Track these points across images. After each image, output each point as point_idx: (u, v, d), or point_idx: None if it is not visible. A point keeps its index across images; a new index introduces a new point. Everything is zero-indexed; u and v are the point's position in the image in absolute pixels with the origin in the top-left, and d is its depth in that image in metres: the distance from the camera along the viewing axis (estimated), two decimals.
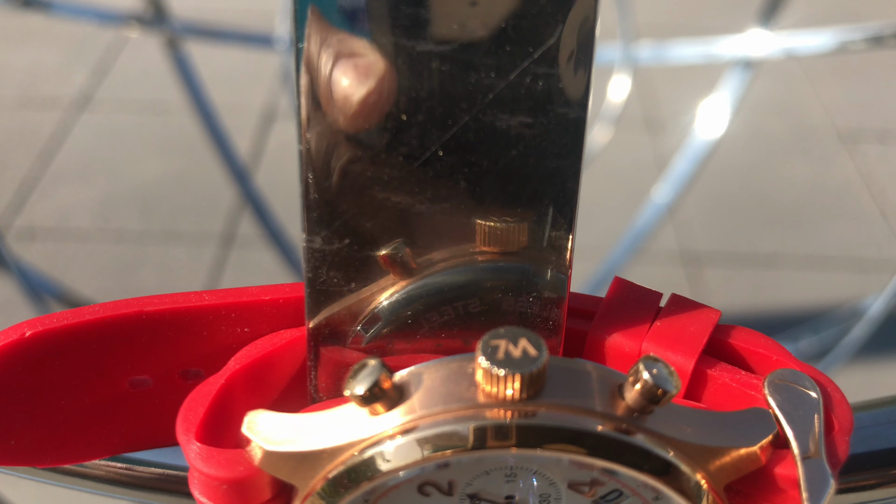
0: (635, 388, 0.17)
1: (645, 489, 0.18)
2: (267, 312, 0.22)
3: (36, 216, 2.26)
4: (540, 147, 0.18)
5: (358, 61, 0.17)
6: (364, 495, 0.18)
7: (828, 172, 2.50)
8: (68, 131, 2.54)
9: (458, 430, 0.17)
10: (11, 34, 2.98)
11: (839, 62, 2.89)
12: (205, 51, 1.88)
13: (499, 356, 0.16)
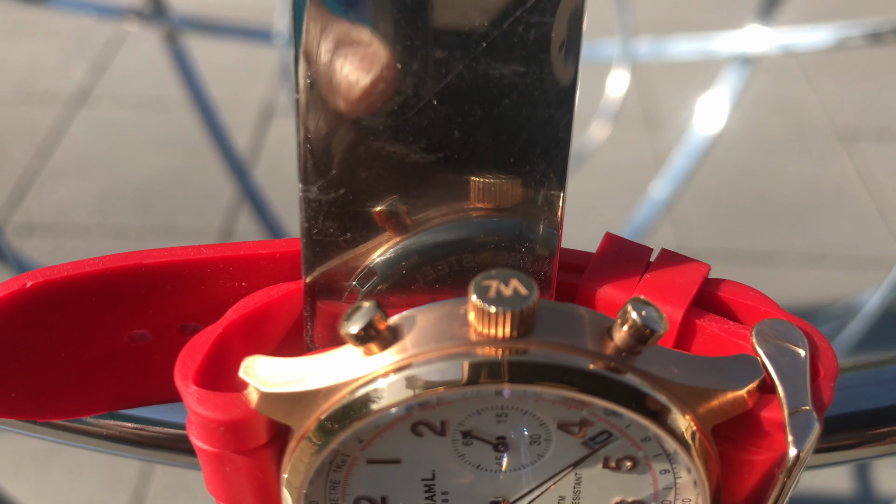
0: (624, 328, 0.17)
1: (634, 430, 0.18)
2: (264, 266, 0.22)
3: (34, 211, 2.26)
4: (532, 96, 0.19)
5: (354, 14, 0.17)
6: (357, 434, 0.18)
7: (826, 171, 2.50)
8: (67, 126, 2.54)
9: (450, 367, 0.17)
10: (10, 29, 2.97)
11: (838, 60, 2.89)
12: (203, 47, 1.88)
13: (490, 295, 0.17)
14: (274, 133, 2.54)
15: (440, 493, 0.20)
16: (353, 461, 0.19)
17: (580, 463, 0.19)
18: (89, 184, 2.41)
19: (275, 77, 2.71)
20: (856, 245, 2.16)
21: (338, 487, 0.20)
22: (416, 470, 0.19)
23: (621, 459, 0.19)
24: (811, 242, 2.24)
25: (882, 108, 2.74)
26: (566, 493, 0.20)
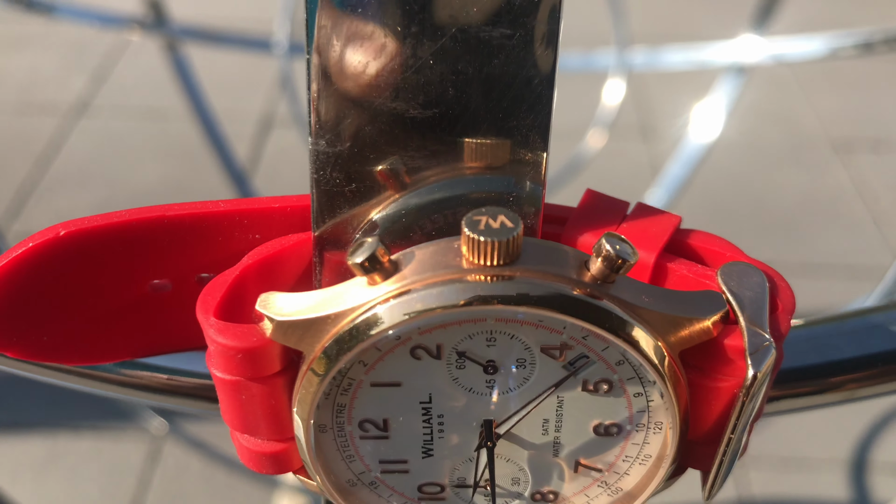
0: (599, 260, 0.19)
1: (609, 353, 0.21)
2: (276, 219, 0.24)
3: (34, 221, 2.27)
4: (518, 56, 0.21)
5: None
6: (362, 357, 0.20)
7: (821, 181, 2.53)
8: (66, 137, 2.56)
9: (444, 292, 0.19)
10: (10, 40, 2.99)
11: (832, 72, 2.92)
12: (203, 58, 1.90)
13: (480, 227, 0.19)
14: (273, 143, 2.56)
15: (436, 416, 0.22)
16: (358, 384, 0.21)
17: (561, 384, 0.21)
18: (88, 193, 2.43)
19: (273, 88, 2.73)
20: (851, 255, 2.18)
21: (344, 411, 0.22)
22: (415, 393, 0.21)
23: (598, 382, 0.21)
24: (807, 252, 2.26)
25: (877, 119, 2.77)
26: (549, 417, 0.22)
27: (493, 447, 0.22)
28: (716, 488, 0.23)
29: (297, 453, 0.23)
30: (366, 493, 0.24)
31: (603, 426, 0.22)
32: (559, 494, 0.24)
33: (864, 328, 0.28)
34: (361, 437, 0.22)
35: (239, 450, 0.24)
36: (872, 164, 2.62)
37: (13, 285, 0.23)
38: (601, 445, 0.23)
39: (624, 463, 0.23)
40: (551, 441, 0.22)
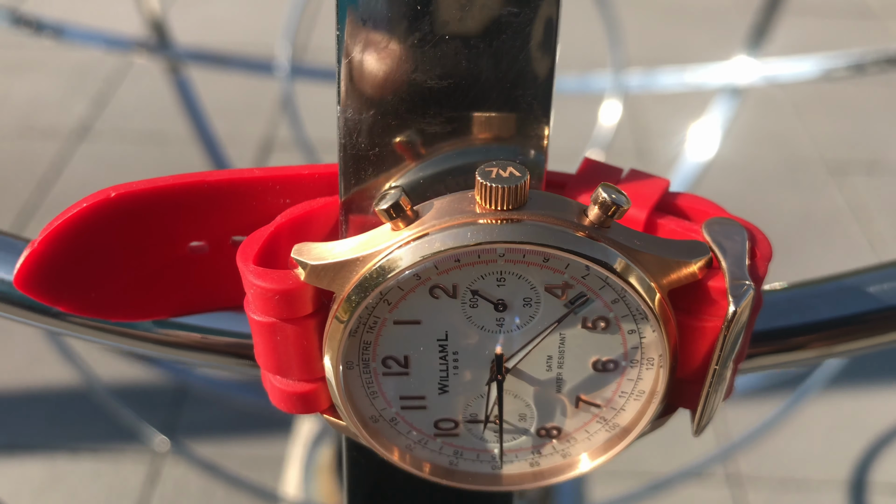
0: (595, 206, 0.22)
1: (606, 292, 0.23)
2: (305, 185, 0.27)
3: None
4: (524, 32, 0.24)
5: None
6: (385, 295, 0.23)
7: (817, 203, 2.56)
8: (67, 160, 2.58)
9: (458, 233, 0.22)
10: (13, 65, 3.03)
11: (827, 95, 2.96)
12: (204, 82, 1.93)
13: (492, 176, 0.22)
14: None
15: (452, 353, 0.24)
16: (382, 322, 0.24)
17: (563, 321, 0.24)
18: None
19: (274, 111, 2.76)
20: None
21: (369, 348, 0.24)
22: (433, 331, 0.24)
23: (596, 320, 0.24)
24: (803, 274, 2.27)
25: (870, 141, 2.80)
26: (552, 353, 0.25)
27: (502, 381, 0.25)
28: (703, 423, 0.25)
29: (324, 394, 0.26)
30: (387, 429, 0.26)
31: (601, 362, 0.25)
32: (562, 430, 0.26)
33: (840, 290, 0.30)
34: (384, 374, 0.25)
35: (271, 392, 0.26)
36: (867, 185, 2.66)
37: (67, 243, 0.26)
38: (599, 381, 0.25)
39: (620, 398, 0.25)
40: (554, 377, 0.25)
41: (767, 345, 0.30)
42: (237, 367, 0.30)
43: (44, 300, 0.27)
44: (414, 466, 0.26)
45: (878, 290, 0.30)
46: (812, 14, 3.18)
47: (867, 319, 0.30)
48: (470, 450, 0.27)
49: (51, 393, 1.71)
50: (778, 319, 0.30)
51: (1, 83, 2.98)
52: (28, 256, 0.26)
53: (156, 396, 1.70)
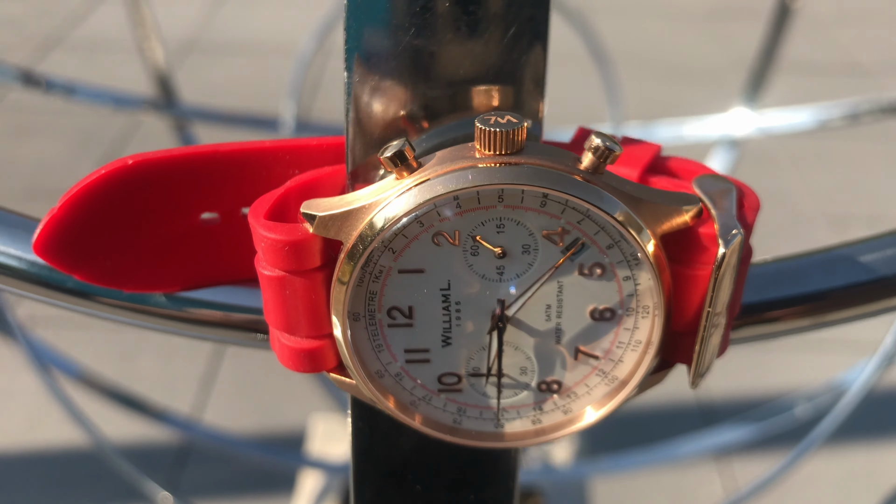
0: (589, 153, 0.23)
1: (601, 237, 0.24)
2: (314, 155, 0.28)
3: (37, 305, 2.30)
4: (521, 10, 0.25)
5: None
6: (389, 243, 0.24)
7: None
8: None
9: (458, 176, 0.23)
10: (20, 128, 3.07)
11: (824, 149, 3.00)
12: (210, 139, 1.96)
13: (490, 122, 0.23)
14: None
15: (454, 302, 0.25)
16: (387, 272, 0.25)
17: (560, 267, 0.25)
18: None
19: None
20: (854, 329, 2.20)
21: (375, 298, 0.25)
22: (437, 279, 0.25)
23: (592, 266, 0.25)
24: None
25: (870, 195, 2.83)
26: (551, 303, 0.25)
27: (503, 328, 0.25)
28: (699, 372, 0.26)
29: (331, 352, 0.27)
30: (392, 385, 0.27)
31: (598, 311, 0.26)
32: (562, 384, 0.27)
33: (831, 260, 0.31)
34: (389, 326, 0.26)
35: (280, 352, 0.27)
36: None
37: (86, 209, 0.27)
38: (597, 331, 0.26)
39: (618, 349, 0.26)
40: (553, 327, 0.26)
41: (760, 314, 0.31)
42: (248, 341, 0.31)
43: (62, 267, 0.28)
44: (417, 422, 0.27)
45: (870, 260, 0.31)
46: (806, 72, 3.24)
47: (856, 289, 0.31)
48: (473, 406, 0.27)
49: (52, 454, 1.70)
50: (769, 290, 0.31)
51: (8, 146, 3.02)
52: (48, 222, 0.27)
53: (159, 454, 1.69)
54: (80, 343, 2.18)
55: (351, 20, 0.25)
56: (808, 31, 3.29)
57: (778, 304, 0.31)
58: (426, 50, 0.26)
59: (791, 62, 2.80)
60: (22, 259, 0.30)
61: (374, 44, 0.26)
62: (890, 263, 0.31)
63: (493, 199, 0.24)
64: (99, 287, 0.30)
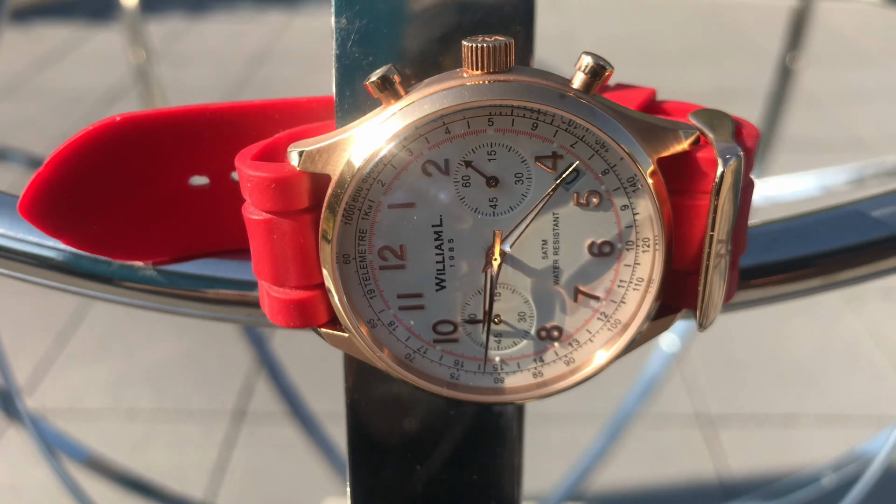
0: (580, 72, 0.23)
1: (595, 162, 0.24)
2: (303, 114, 0.28)
3: (48, 397, 2.29)
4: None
5: None
6: (378, 175, 0.23)
7: (835, 330, 2.53)
8: (86, 311, 2.61)
9: (446, 95, 0.22)
10: None
11: None
12: None
13: (478, 40, 0.23)
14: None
15: (447, 240, 0.25)
16: (377, 207, 0.24)
17: (555, 193, 0.24)
18: (104, 368, 2.45)
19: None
20: (876, 404, 2.16)
21: (365, 237, 0.24)
22: (428, 215, 0.24)
23: (588, 195, 0.24)
24: (830, 403, 2.23)
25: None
26: (547, 237, 0.25)
27: (500, 262, 0.24)
28: (706, 311, 0.25)
29: (322, 304, 0.26)
30: (385, 336, 0.26)
31: (596, 245, 0.25)
32: (563, 330, 0.26)
33: (840, 217, 0.30)
34: (381, 268, 0.25)
35: (270, 307, 0.26)
36: (884, 311, 2.64)
37: (72, 168, 0.27)
38: (597, 268, 0.25)
39: (619, 289, 0.25)
40: (551, 265, 0.25)
41: (770, 274, 0.30)
42: (238, 315, 0.30)
43: (48, 230, 0.27)
44: (410, 373, 0.26)
45: (880, 216, 0.30)
46: (810, 151, 3.28)
47: (866, 246, 0.30)
48: (471, 359, 0.26)
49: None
50: (779, 249, 0.30)
51: None
52: (33, 181, 0.26)
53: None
54: (91, 434, 2.15)
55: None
56: (810, 109, 3.34)
57: (787, 265, 0.30)
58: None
59: (795, 139, 2.83)
60: (9, 237, 0.30)
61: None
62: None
63: (483, 123, 0.23)
64: (87, 261, 0.29)
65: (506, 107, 0.22)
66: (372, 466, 0.30)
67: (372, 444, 0.29)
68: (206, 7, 5.15)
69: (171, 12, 5.01)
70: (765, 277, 0.30)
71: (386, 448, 0.29)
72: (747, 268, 0.29)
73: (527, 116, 0.23)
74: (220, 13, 4.99)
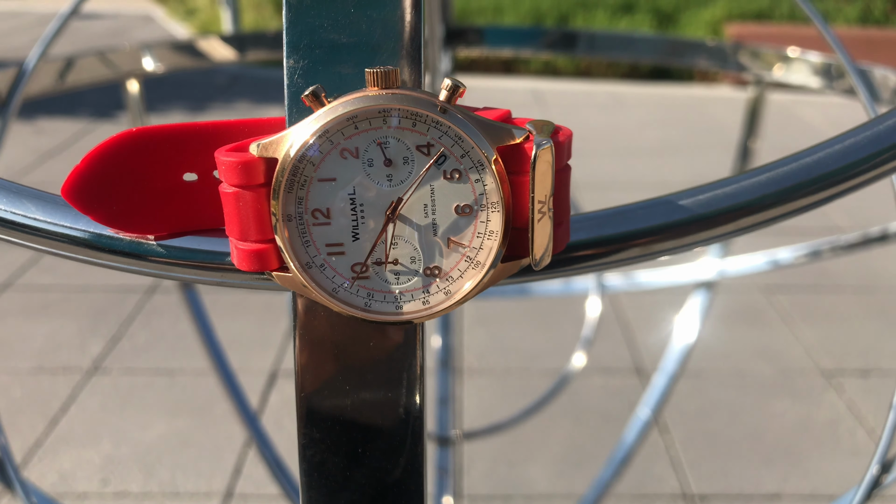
0: (443, 90, 0.35)
1: (455, 149, 0.35)
2: (265, 128, 0.40)
3: (35, 480, 2.32)
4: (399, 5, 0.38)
5: None
6: (309, 158, 0.35)
7: (817, 409, 2.60)
8: (76, 395, 2.67)
9: (353, 100, 0.34)
10: (32, 307, 3.19)
11: (811, 305, 3.10)
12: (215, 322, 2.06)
13: (375, 69, 0.35)
14: (276, 395, 2.68)
15: (359, 204, 0.36)
16: (310, 181, 0.36)
17: (429, 171, 0.35)
18: (93, 451, 2.49)
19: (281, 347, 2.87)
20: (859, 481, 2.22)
21: (302, 202, 0.36)
22: (344, 186, 0.36)
23: (452, 172, 0.36)
24: (813, 481, 2.28)
25: (859, 346, 2.88)
26: (427, 202, 0.36)
27: (395, 220, 0.36)
28: (536, 254, 0.36)
29: (274, 255, 0.37)
30: (317, 275, 0.37)
31: (460, 207, 0.36)
32: (441, 269, 0.37)
33: (654, 205, 0.42)
34: (314, 225, 0.36)
35: (238, 257, 0.37)
36: (864, 388, 2.70)
37: (101, 164, 0.38)
38: (462, 224, 0.36)
39: (478, 238, 0.36)
40: (430, 222, 0.36)
41: (599, 247, 0.41)
42: (217, 277, 0.41)
43: (81, 208, 0.39)
44: (337, 301, 0.37)
45: (686, 203, 0.41)
46: (784, 234, 3.40)
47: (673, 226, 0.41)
48: (379, 292, 0.37)
49: None
50: (604, 228, 0.41)
51: (19, 325, 3.10)
52: (73, 172, 0.38)
53: None
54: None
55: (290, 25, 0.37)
56: None
57: (611, 239, 0.41)
58: (339, 41, 0.38)
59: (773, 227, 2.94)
60: (56, 224, 0.41)
61: (303, 37, 0.38)
62: (703, 205, 0.41)
63: (380, 122, 0.35)
64: (105, 237, 0.40)
65: (393, 110, 0.34)
66: (318, 379, 0.40)
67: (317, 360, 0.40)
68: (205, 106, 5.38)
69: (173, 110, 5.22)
70: (596, 248, 0.41)
71: (325, 360, 0.40)
72: (583, 241, 0.40)
73: (408, 117, 0.34)
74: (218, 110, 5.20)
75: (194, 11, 9.17)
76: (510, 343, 2.88)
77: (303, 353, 0.39)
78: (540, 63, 6.54)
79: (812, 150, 0.41)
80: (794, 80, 1.35)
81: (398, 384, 0.39)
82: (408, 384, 0.39)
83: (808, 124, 5.32)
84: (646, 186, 4.06)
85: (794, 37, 5.96)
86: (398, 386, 0.39)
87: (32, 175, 4.27)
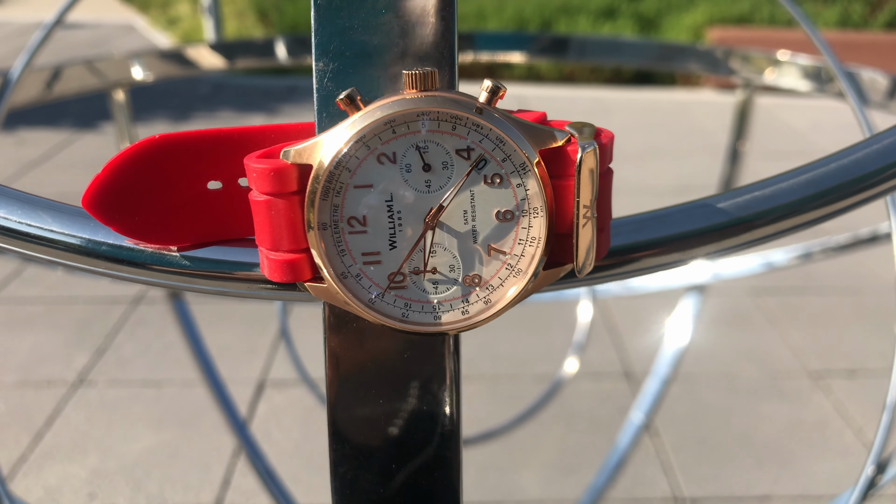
0: (484, 91, 0.34)
1: (497, 152, 0.34)
2: (291, 134, 0.38)
3: (20, 496, 2.29)
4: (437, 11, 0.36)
5: None
6: (345, 164, 0.34)
7: (805, 410, 2.61)
8: (62, 409, 2.63)
9: (390, 105, 0.33)
10: (15, 320, 3.14)
11: (797, 307, 3.11)
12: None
13: (413, 70, 0.33)
14: (264, 405, 2.66)
15: (396, 211, 0.35)
16: (345, 188, 0.34)
17: (470, 176, 0.34)
18: (80, 465, 2.45)
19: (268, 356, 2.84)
20: (848, 482, 2.23)
21: (337, 210, 0.34)
22: (382, 193, 0.34)
23: (493, 176, 0.34)
24: (803, 482, 2.29)
25: (847, 350, 2.90)
26: (467, 208, 0.35)
27: (434, 227, 0.34)
28: (581, 261, 0.35)
29: (307, 264, 0.35)
30: (353, 285, 0.35)
31: (501, 213, 0.35)
32: (482, 278, 0.36)
33: (693, 208, 0.41)
34: (350, 233, 0.35)
35: (269, 268, 0.36)
36: (850, 389, 2.72)
37: (123, 172, 0.37)
38: (503, 230, 0.35)
39: (519, 245, 0.35)
40: (470, 229, 0.35)
41: (639, 252, 0.40)
42: (245, 289, 0.40)
43: (102, 218, 0.37)
44: (374, 312, 0.36)
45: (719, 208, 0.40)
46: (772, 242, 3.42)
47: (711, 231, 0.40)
48: (416, 301, 0.36)
49: None
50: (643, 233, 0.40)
51: (2, 338, 3.06)
52: (94, 181, 0.36)
53: None
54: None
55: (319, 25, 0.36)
56: None
57: (650, 244, 0.40)
58: (370, 43, 0.37)
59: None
60: (75, 236, 0.39)
61: (331, 40, 0.36)
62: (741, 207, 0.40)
63: (417, 126, 0.33)
64: (125, 248, 0.39)
65: (432, 113, 0.33)
66: (350, 393, 0.39)
67: (349, 373, 0.39)
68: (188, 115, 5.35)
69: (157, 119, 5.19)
70: (636, 253, 0.40)
71: (358, 373, 0.39)
72: (623, 246, 0.39)
73: (448, 121, 0.33)
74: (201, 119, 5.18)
75: (176, 21, 9.12)
76: (500, 349, 2.87)
77: (333, 366, 0.38)
78: (523, 69, 6.55)
79: (850, 150, 0.41)
80: (785, 84, 1.35)
81: (433, 397, 0.38)
82: (443, 396, 0.38)
83: (791, 127, 5.36)
84: (632, 191, 4.08)
85: (776, 41, 6.01)
86: (433, 399, 0.38)
87: (14, 186, 4.23)
